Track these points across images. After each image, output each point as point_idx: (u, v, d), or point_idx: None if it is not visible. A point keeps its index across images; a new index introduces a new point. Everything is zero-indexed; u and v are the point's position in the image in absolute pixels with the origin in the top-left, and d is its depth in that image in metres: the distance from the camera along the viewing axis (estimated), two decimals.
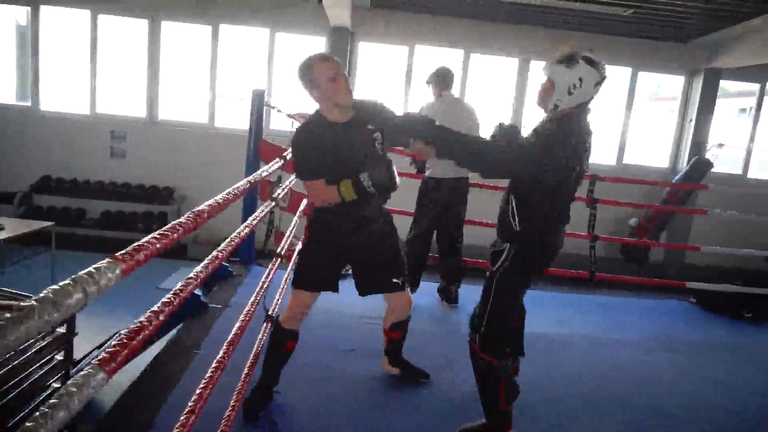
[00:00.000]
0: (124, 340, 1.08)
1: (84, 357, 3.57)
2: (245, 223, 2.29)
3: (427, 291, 4.13)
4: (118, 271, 0.95)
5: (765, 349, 3.83)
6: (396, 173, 2.28)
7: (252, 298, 2.51)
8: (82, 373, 0.94)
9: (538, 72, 2.32)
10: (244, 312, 2.39)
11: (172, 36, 7.21)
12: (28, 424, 0.76)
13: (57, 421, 0.81)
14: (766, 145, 8.29)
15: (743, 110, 8.30)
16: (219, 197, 1.72)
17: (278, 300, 3.03)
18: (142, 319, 1.19)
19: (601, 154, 7.59)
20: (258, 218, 2.67)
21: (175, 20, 7.11)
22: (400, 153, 4.17)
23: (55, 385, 2.66)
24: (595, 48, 6.74)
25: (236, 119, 7.10)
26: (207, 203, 1.59)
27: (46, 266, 5.75)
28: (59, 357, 2.95)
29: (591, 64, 2.15)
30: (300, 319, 2.49)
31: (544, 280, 4.61)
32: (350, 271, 2.58)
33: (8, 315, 0.72)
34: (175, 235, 1.23)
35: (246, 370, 2.33)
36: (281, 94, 7.43)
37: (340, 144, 2.28)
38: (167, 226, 1.24)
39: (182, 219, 1.33)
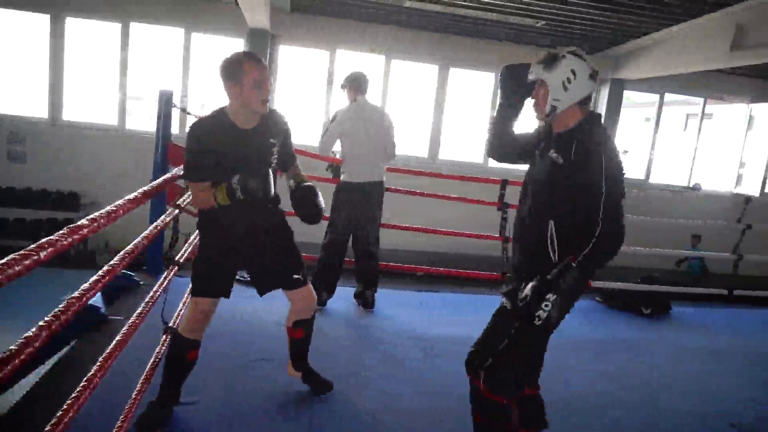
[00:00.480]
0: (5, 358, 0.99)
1: None
2: (144, 233, 2.18)
3: (343, 296, 4.10)
4: None
5: (659, 343, 4.08)
6: (272, 184, 2.24)
7: (154, 309, 2.39)
8: None
9: (458, 78, 2.32)
10: (130, 324, 2.26)
11: (78, 33, 6.81)
12: None
13: None
14: (666, 152, 8.92)
15: (648, 119, 8.86)
16: (107, 209, 1.61)
17: (181, 310, 2.90)
18: (29, 334, 1.09)
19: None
20: (160, 226, 2.55)
21: (81, 16, 6.72)
22: (316, 157, 4.14)
23: None
24: (508, 59, 7.04)
25: (150, 121, 6.80)
26: (90, 217, 1.48)
27: None
28: None
29: (577, 56, 1.96)
30: (201, 328, 2.34)
31: (454, 282, 4.71)
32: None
33: None
34: (43, 255, 1.12)
35: (138, 386, 2.20)
36: (199, 96, 7.20)
37: (237, 150, 2.21)
38: (34, 246, 1.12)
39: (54, 236, 1.22)
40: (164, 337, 2.52)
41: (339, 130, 3.81)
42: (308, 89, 7.46)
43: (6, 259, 1.04)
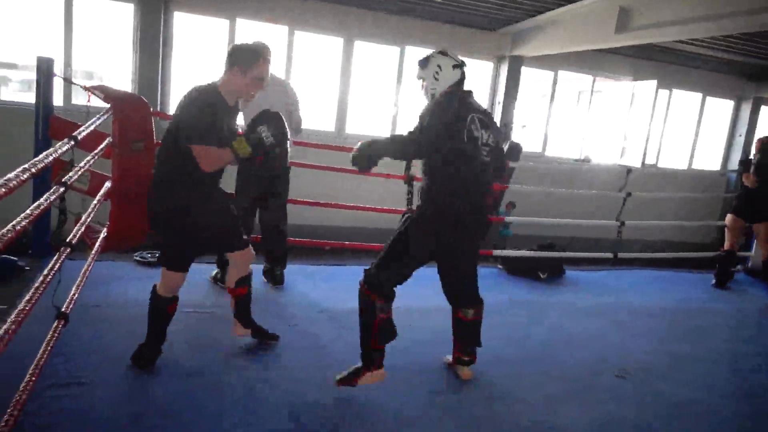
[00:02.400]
0: None
1: None
2: (26, 211, 1.98)
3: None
4: None
5: (554, 304, 4.38)
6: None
7: (44, 296, 2.20)
8: None
9: (364, 52, 2.55)
10: (19, 311, 2.08)
11: None
12: None
13: None
14: (561, 126, 9.47)
15: (544, 95, 9.31)
16: None
17: (74, 294, 2.70)
18: None
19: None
20: (44, 205, 2.34)
21: None
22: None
23: None
24: (412, 33, 7.07)
25: (26, 93, 6.19)
26: None
27: None
28: None
29: (443, 54, 2.70)
30: (178, 289, 2.66)
31: (362, 255, 4.76)
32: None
33: None
34: None
35: (27, 377, 2.04)
36: (85, 65, 6.65)
37: (229, 123, 2.52)
38: None
39: None
40: (56, 323, 2.34)
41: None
42: (206, 60, 7.10)
43: None
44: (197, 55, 7.08)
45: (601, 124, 9.42)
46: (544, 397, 2.83)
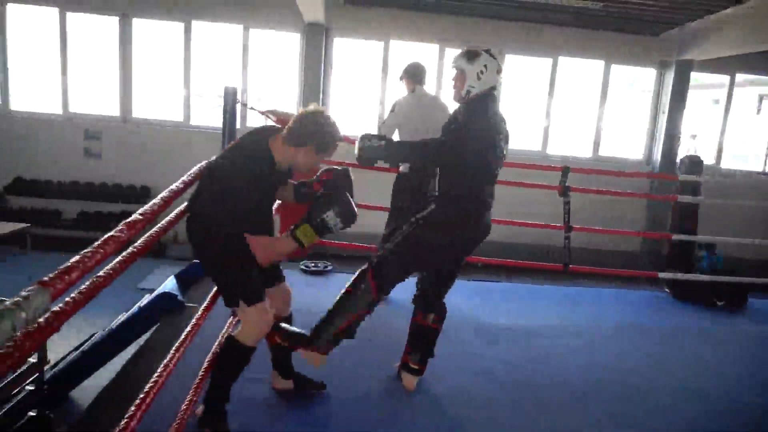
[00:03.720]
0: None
1: (61, 359, 3.54)
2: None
3: (407, 286, 4.14)
4: (47, 297, 0.94)
5: (735, 339, 3.92)
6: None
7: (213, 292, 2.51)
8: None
9: (512, 64, 2.47)
10: (203, 309, 2.40)
11: (144, 33, 7.13)
12: None
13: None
14: (737, 136, 8.48)
15: (716, 101, 8.44)
16: (153, 202, 1.69)
17: None
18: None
19: (576, 147, 7.69)
20: None
21: (146, 17, 7.03)
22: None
23: (30, 387, 2.64)
24: (568, 42, 6.82)
25: (212, 117, 7.05)
26: (140, 211, 1.56)
27: (22, 268, 5.67)
28: (32, 360, 2.92)
29: (491, 54, 2.53)
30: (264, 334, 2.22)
31: (519, 272, 4.68)
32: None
33: None
34: (108, 249, 1.21)
35: (205, 364, 2.33)
36: (256, 90, 7.40)
37: (270, 190, 2.23)
38: (99, 241, 1.22)
39: (113, 233, 1.30)
40: (231, 319, 2.65)
41: (397, 120, 3.84)
42: (362, 81, 7.52)
43: (75, 258, 1.13)
44: (353, 75, 7.54)
45: None
46: None
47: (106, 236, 1.23)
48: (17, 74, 7.13)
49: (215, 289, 2.49)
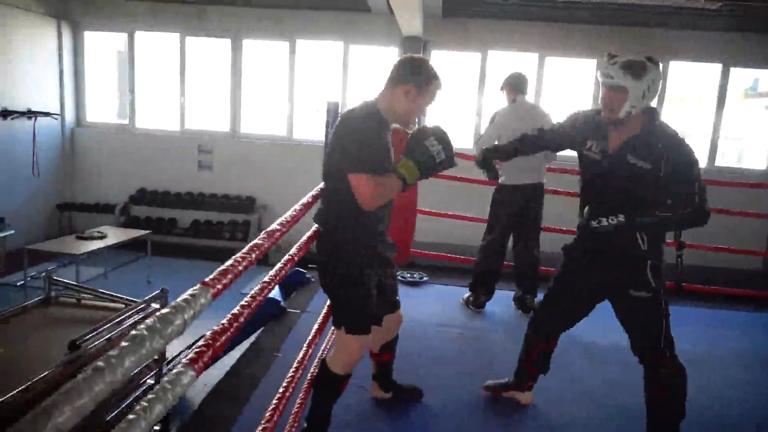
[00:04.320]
0: (209, 342, 1.18)
1: (175, 357, 3.83)
2: (309, 233, 2.37)
3: (502, 299, 4.08)
4: (209, 296, 1.08)
5: None
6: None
7: (328, 303, 2.60)
8: (173, 371, 1.04)
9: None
10: (321, 315, 2.50)
11: (252, 53, 7.59)
12: (130, 416, 0.85)
13: (154, 413, 0.90)
14: None
15: None
16: (288, 214, 1.84)
17: None
18: (224, 321, 1.30)
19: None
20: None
21: (254, 38, 7.48)
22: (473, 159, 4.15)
23: (150, 381, 2.87)
24: (680, 44, 6.41)
25: (313, 131, 7.34)
26: (278, 222, 1.70)
27: (142, 270, 6.21)
28: (153, 356, 3.19)
29: (656, 64, 2.14)
30: (357, 363, 2.18)
31: None
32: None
33: (124, 344, 0.83)
34: (254, 256, 1.36)
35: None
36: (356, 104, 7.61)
37: (389, 147, 2.13)
38: (245, 249, 1.36)
39: (257, 240, 1.45)
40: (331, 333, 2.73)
41: (497, 130, 3.80)
42: (460, 92, 7.51)
43: (230, 261, 1.27)
44: (451, 86, 7.55)
45: None
46: None
47: (251, 244, 1.38)
48: (142, 95, 7.86)
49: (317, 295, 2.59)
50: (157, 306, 2.93)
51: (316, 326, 2.45)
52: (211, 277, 1.14)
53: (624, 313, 2.31)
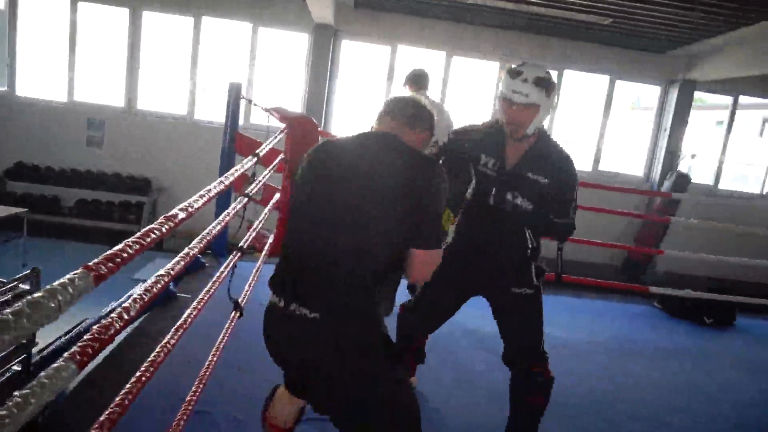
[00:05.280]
0: (95, 335, 1.10)
1: (49, 344, 3.55)
2: (218, 219, 2.31)
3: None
4: (90, 281, 0.99)
5: (722, 356, 3.93)
6: None
7: (215, 291, 2.52)
8: (54, 365, 0.97)
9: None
10: (204, 302, 2.41)
11: (153, 26, 7.17)
12: (1, 412, 0.78)
13: (28, 410, 0.84)
14: (739, 157, 8.50)
15: (720, 122, 8.47)
16: (192, 200, 1.73)
17: (246, 291, 3.04)
18: (113, 315, 1.21)
19: (576, 161, 7.71)
20: (231, 213, 2.68)
21: (156, 10, 7.07)
22: None
23: (16, 368, 2.65)
24: (574, 55, 6.80)
25: (216, 112, 7.08)
26: (179, 207, 1.59)
27: (17, 253, 5.69)
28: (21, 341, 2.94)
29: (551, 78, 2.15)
30: None
31: None
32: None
33: None
34: (148, 241, 1.25)
35: (210, 357, 2.34)
36: (261, 88, 7.42)
37: None
38: (140, 233, 1.25)
39: (155, 225, 1.35)
40: (233, 313, 2.66)
41: None
42: (368, 84, 7.56)
43: (119, 246, 1.16)
44: (359, 78, 7.58)
45: None
46: None
47: (147, 228, 1.27)
48: (25, 61, 7.17)
49: (212, 281, 2.50)
50: (27, 287, 2.70)
51: (191, 311, 2.32)
52: (95, 261, 1.05)
53: (504, 311, 2.31)
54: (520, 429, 2.33)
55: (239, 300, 2.85)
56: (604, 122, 7.62)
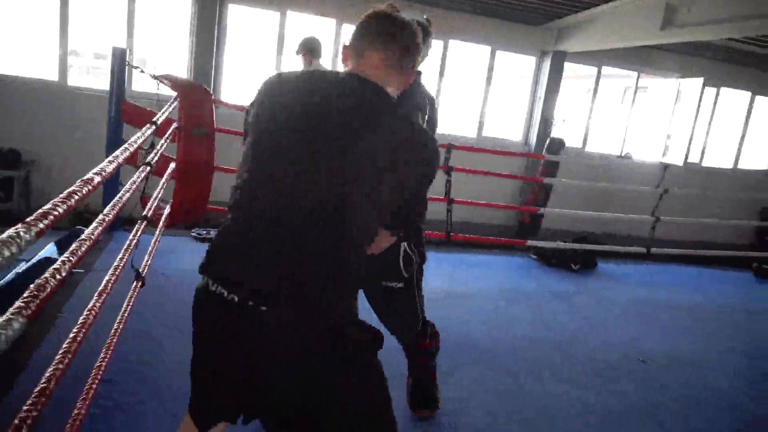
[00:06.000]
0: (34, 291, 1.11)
1: None
2: (124, 189, 2.30)
3: None
4: None
5: (585, 295, 4.52)
6: None
7: (117, 262, 2.50)
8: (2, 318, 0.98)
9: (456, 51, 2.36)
10: (110, 274, 2.39)
11: None
12: None
13: None
14: (604, 122, 9.44)
15: (589, 90, 9.31)
16: (88, 177, 1.59)
17: (147, 262, 3.03)
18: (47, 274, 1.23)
19: (462, 127, 8.19)
20: (135, 184, 2.63)
21: None
22: None
23: None
24: (459, 26, 7.15)
25: (92, 79, 6.63)
26: (83, 180, 1.48)
27: None
28: None
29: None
30: None
31: None
32: None
33: None
34: (44, 225, 1.11)
35: (113, 331, 2.35)
36: (141, 53, 7.05)
37: None
38: (34, 216, 1.12)
39: (47, 207, 1.18)
40: (135, 283, 2.66)
41: None
42: (258, 53, 7.42)
43: (8, 233, 1.03)
44: (249, 45, 7.42)
45: (645, 121, 9.36)
46: (570, 374, 3.02)
47: (39, 211, 1.14)
48: None
49: (120, 255, 2.48)
50: None
51: (103, 285, 2.32)
52: None
53: (378, 303, 2.23)
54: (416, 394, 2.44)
55: (141, 269, 2.85)
56: (486, 91, 8.12)
